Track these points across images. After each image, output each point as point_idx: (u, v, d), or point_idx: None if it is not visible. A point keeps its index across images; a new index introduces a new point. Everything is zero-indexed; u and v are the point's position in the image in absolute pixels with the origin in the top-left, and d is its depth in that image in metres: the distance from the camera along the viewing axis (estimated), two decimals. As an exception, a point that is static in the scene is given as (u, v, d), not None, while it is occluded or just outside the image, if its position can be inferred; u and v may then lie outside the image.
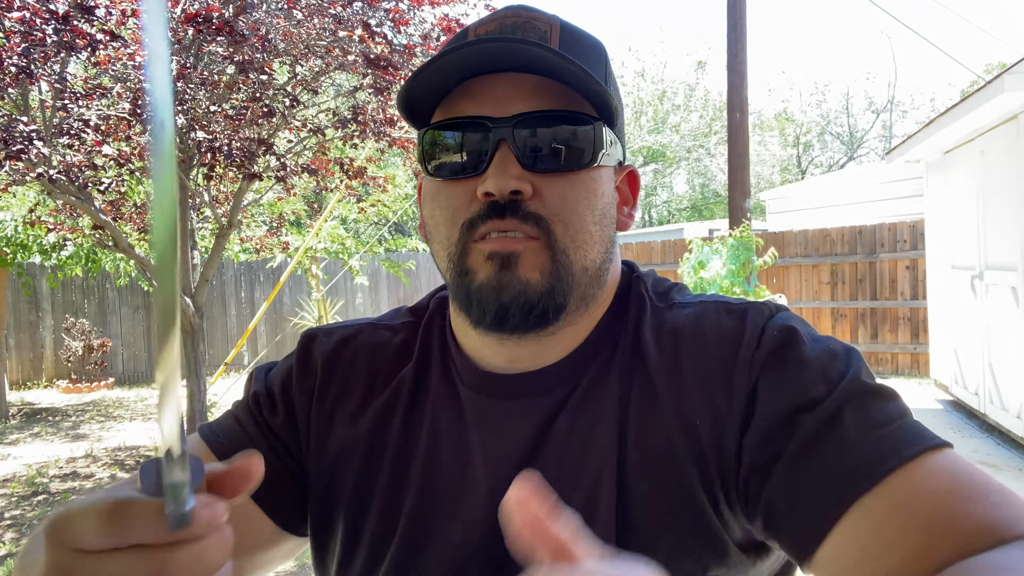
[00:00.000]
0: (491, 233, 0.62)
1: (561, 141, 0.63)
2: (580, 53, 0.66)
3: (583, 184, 0.64)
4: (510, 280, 0.62)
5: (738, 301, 0.69)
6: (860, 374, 0.59)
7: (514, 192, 0.62)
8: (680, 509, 0.61)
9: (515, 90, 0.63)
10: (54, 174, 4.11)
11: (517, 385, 0.69)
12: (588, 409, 0.66)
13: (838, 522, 0.52)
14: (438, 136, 0.66)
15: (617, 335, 0.70)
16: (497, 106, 0.63)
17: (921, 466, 0.51)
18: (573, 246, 0.63)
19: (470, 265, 0.64)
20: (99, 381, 9.42)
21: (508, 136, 0.62)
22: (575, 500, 0.63)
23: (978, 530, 0.47)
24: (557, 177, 0.63)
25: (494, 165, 0.62)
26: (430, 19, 5.33)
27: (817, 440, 0.55)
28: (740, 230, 6.82)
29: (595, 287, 0.68)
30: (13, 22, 3.81)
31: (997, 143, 5.26)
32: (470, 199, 0.64)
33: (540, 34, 0.65)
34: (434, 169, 0.66)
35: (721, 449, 0.61)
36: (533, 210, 0.62)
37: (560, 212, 0.63)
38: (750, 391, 0.61)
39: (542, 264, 0.62)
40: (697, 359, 0.64)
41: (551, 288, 0.63)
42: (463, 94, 0.65)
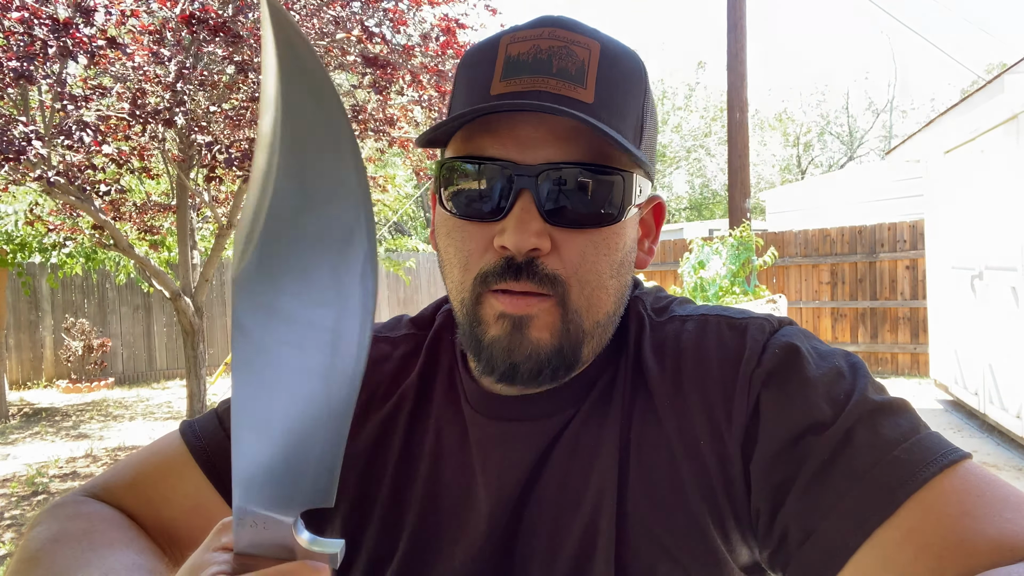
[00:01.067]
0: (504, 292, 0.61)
1: (587, 195, 0.59)
2: (618, 82, 0.62)
3: (604, 240, 0.61)
4: (520, 342, 0.60)
5: (740, 315, 0.67)
6: (867, 392, 0.57)
7: (532, 249, 0.59)
8: (682, 534, 0.61)
9: (542, 133, 0.59)
10: (52, 176, 4.10)
11: (521, 408, 0.68)
12: (590, 433, 0.66)
13: (851, 557, 0.50)
14: (455, 170, 0.62)
15: (618, 357, 0.69)
16: (522, 150, 0.59)
17: (934, 489, 0.50)
18: (586, 306, 0.62)
19: (482, 316, 0.62)
20: (99, 381, 9.42)
21: (531, 187, 0.58)
22: (575, 523, 0.63)
23: (989, 549, 0.46)
24: (579, 233, 0.60)
25: (514, 217, 0.58)
26: (430, 19, 5.33)
27: (829, 467, 0.54)
28: (740, 230, 6.82)
29: (609, 333, 0.66)
30: (13, 23, 3.81)
31: (997, 143, 5.26)
32: (485, 246, 0.61)
33: (578, 64, 0.60)
34: (449, 202, 0.63)
35: (726, 472, 0.60)
36: (550, 271, 0.59)
37: (578, 271, 0.61)
38: (751, 411, 0.59)
39: (553, 324, 0.61)
40: (698, 378, 0.63)
41: (560, 348, 0.61)
42: (487, 129, 0.60)
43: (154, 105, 4.58)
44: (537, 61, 0.60)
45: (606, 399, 0.67)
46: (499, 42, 0.63)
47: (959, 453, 0.52)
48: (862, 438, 0.54)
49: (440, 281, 0.73)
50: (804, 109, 28.40)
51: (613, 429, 0.65)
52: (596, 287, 0.62)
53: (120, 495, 0.72)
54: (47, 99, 4.54)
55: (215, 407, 0.77)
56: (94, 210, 4.75)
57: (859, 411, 0.55)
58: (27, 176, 4.17)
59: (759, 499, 0.58)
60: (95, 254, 7.57)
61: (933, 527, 0.48)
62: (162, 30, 4.65)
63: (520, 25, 0.64)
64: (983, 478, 0.51)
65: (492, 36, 0.65)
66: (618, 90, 0.61)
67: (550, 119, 0.59)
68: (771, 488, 0.57)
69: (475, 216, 0.61)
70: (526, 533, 0.65)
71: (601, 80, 0.60)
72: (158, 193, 7.26)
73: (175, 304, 5.21)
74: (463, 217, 0.62)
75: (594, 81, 0.60)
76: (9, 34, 3.83)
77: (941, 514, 0.49)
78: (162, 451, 0.75)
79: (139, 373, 10.27)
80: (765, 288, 6.80)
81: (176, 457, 0.73)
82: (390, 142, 5.67)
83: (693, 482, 0.61)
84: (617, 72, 0.62)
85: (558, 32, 0.62)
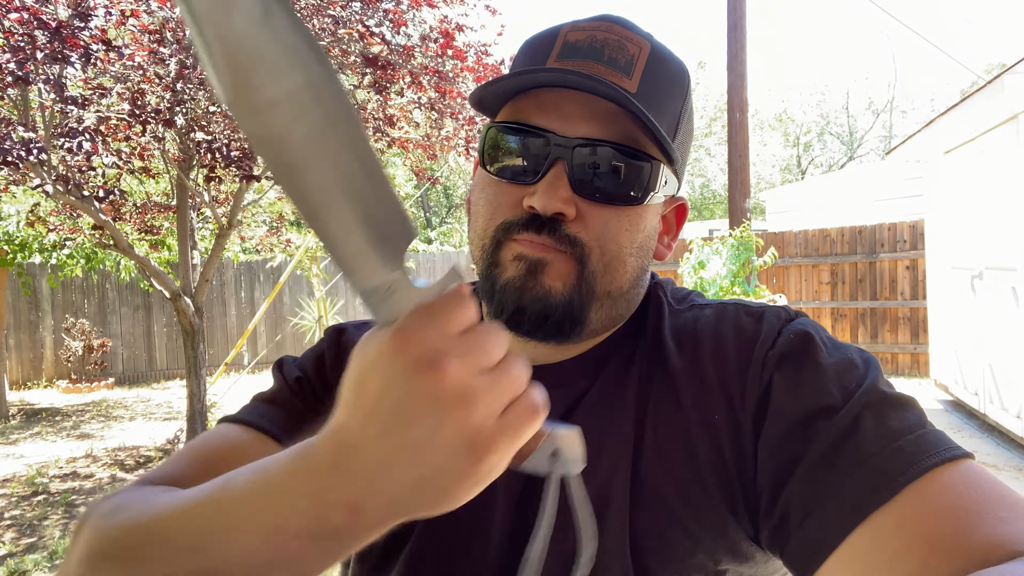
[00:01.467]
0: None
1: (616, 175, 0.64)
2: (662, 81, 0.66)
3: (627, 217, 0.65)
4: (532, 284, 0.63)
5: (757, 304, 0.70)
6: (878, 383, 0.58)
7: (557, 213, 0.62)
8: (693, 504, 0.62)
9: (585, 111, 0.64)
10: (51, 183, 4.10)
11: (536, 376, 0.69)
12: (607, 402, 0.67)
13: (845, 538, 0.51)
14: (500, 134, 0.67)
15: (637, 336, 0.71)
16: (564, 122, 0.64)
17: (934, 480, 0.51)
18: (603, 270, 0.65)
19: (500, 259, 0.65)
20: (99, 381, 9.42)
21: (566, 156, 0.63)
22: (590, 485, 0.63)
23: (984, 545, 0.46)
24: (604, 207, 0.64)
25: (545, 182, 0.63)
26: (430, 20, 5.33)
27: (835, 450, 0.55)
28: (740, 230, 6.82)
29: (621, 309, 0.69)
30: (12, 23, 3.81)
31: (997, 143, 5.26)
32: (514, 204, 0.65)
33: (628, 57, 0.65)
34: (489, 162, 0.68)
35: (738, 447, 0.62)
36: (572, 232, 0.63)
37: (600, 239, 0.64)
38: (763, 390, 0.61)
39: (566, 275, 0.64)
40: (715, 358, 0.65)
41: (570, 300, 0.64)
42: (535, 101, 0.65)
43: (154, 105, 4.58)
44: (591, 48, 0.65)
45: (623, 372, 0.69)
46: (559, 30, 0.68)
47: (962, 451, 0.53)
48: (869, 426, 0.55)
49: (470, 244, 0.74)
50: (804, 109, 28.41)
51: (630, 399, 0.66)
52: (615, 256, 0.65)
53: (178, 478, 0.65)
54: (47, 101, 4.54)
55: (258, 402, 0.75)
56: (94, 210, 4.75)
57: (868, 399, 0.57)
58: (27, 177, 4.18)
59: (763, 476, 0.59)
60: (95, 255, 7.57)
61: (929, 517, 0.49)
62: (162, 30, 4.65)
63: (581, 19, 0.70)
64: (983, 477, 0.52)
65: (553, 27, 0.70)
66: (661, 88, 0.66)
67: (593, 100, 0.63)
68: (776, 466, 0.58)
69: (511, 177, 0.66)
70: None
71: (647, 75, 0.65)
72: (158, 193, 7.26)
73: (175, 304, 5.21)
74: (500, 176, 0.67)
75: (640, 75, 0.65)
76: (9, 35, 3.83)
77: (938, 505, 0.49)
78: (211, 439, 0.71)
79: (139, 373, 10.27)
80: (765, 288, 6.80)
81: (231, 433, 0.70)
82: (389, 143, 5.67)
83: (706, 454, 0.62)
84: (663, 73, 0.67)
85: (615, 28, 0.67)
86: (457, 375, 0.38)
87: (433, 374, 0.38)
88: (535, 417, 0.41)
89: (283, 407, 0.74)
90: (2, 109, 4.46)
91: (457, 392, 0.38)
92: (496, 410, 0.39)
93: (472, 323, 0.40)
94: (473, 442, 0.39)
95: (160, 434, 6.42)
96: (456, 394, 0.38)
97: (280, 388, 0.76)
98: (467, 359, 0.39)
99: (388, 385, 0.39)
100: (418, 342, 0.38)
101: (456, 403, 0.38)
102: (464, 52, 5.31)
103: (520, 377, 0.41)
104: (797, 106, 29.95)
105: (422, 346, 0.38)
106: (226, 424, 0.73)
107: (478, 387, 0.39)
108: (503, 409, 0.40)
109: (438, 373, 0.38)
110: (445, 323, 0.39)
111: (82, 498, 4.85)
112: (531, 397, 0.41)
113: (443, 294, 0.41)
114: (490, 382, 0.39)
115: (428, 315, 0.39)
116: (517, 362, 0.41)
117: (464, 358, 0.39)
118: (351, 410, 0.41)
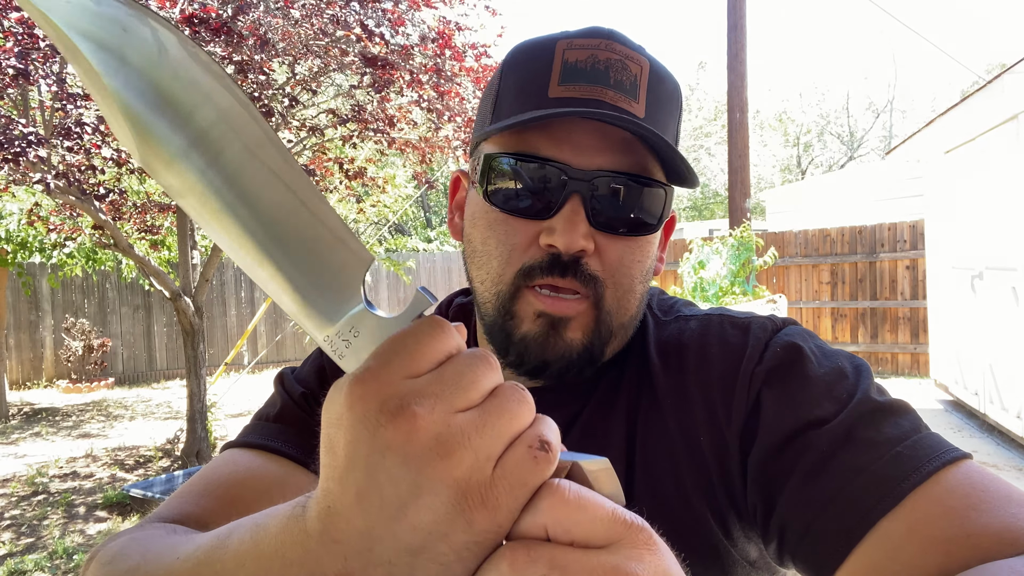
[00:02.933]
0: (546, 288, 0.62)
1: (634, 206, 0.62)
2: (663, 100, 0.65)
3: (640, 247, 0.64)
4: (556, 342, 0.62)
5: (744, 315, 0.68)
6: (870, 391, 0.57)
7: (580, 250, 0.61)
8: (683, 530, 0.61)
9: (599, 142, 0.61)
10: (51, 180, 4.10)
11: None
12: (599, 426, 0.66)
13: (856, 547, 0.51)
14: (508, 166, 0.63)
15: (624, 355, 0.70)
16: (578, 154, 0.61)
17: (938, 483, 0.50)
18: (617, 307, 0.64)
19: (517, 311, 0.63)
20: (99, 381, 9.42)
21: (584, 191, 0.60)
22: None
23: (996, 541, 0.46)
24: (619, 239, 0.63)
25: (564, 218, 0.60)
26: (428, 20, 5.33)
27: (828, 460, 0.54)
28: (740, 230, 6.82)
29: (628, 334, 0.69)
30: (13, 23, 3.81)
31: (997, 143, 5.26)
32: (530, 242, 0.63)
33: (632, 78, 0.63)
34: (493, 195, 0.64)
35: (725, 469, 0.61)
36: (592, 271, 0.62)
37: (615, 275, 0.63)
38: (751, 407, 0.60)
39: (587, 325, 0.63)
40: (700, 375, 0.64)
41: (590, 346, 0.63)
42: (544, 130, 0.62)
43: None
44: (595, 71, 0.62)
45: (613, 394, 0.68)
46: (554, 46, 0.64)
47: (961, 452, 0.53)
48: (863, 436, 0.54)
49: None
50: (804, 109, 28.39)
51: (620, 423, 0.66)
52: (627, 290, 0.64)
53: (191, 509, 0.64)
54: (47, 99, 4.54)
55: (264, 419, 0.73)
56: (94, 210, 4.75)
57: (861, 410, 0.56)
58: (27, 176, 4.17)
59: (755, 494, 0.58)
60: (95, 255, 7.57)
61: (939, 520, 0.49)
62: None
63: (572, 32, 0.66)
64: (985, 476, 0.52)
65: (542, 39, 0.67)
66: (662, 108, 0.65)
67: (606, 129, 0.61)
68: (768, 481, 0.57)
69: (522, 212, 0.63)
70: None
71: (651, 95, 0.64)
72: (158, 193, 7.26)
73: (175, 304, 5.21)
74: (509, 212, 0.63)
75: (644, 96, 0.63)
76: (8, 34, 3.83)
77: (947, 507, 0.49)
78: (221, 468, 0.69)
79: (139, 373, 10.27)
80: (765, 288, 6.80)
81: (241, 460, 0.68)
82: (389, 143, 5.67)
83: (693, 478, 0.62)
84: (662, 91, 0.65)
85: (614, 46, 0.64)
86: (430, 419, 0.32)
87: (400, 421, 0.32)
88: (543, 460, 0.33)
89: (293, 424, 0.71)
90: (2, 108, 4.46)
91: (432, 440, 0.32)
92: (489, 455, 0.32)
93: (448, 353, 0.34)
94: (463, 498, 0.32)
95: (160, 434, 6.42)
96: (432, 443, 0.32)
97: (286, 404, 0.74)
98: (442, 398, 0.33)
99: (355, 441, 0.33)
100: (381, 385, 0.33)
101: (433, 454, 0.32)
102: (462, 53, 5.31)
103: (518, 411, 0.34)
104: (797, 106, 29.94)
105: (386, 389, 0.33)
106: (234, 450, 0.71)
107: (459, 430, 0.32)
108: (499, 453, 0.33)
109: (406, 419, 0.32)
110: (412, 358, 0.33)
111: (82, 498, 4.85)
112: (536, 435, 0.33)
113: (409, 325, 0.35)
114: (476, 422, 0.33)
115: (392, 352, 0.34)
116: (512, 393, 0.34)
117: (438, 398, 0.32)
118: (328, 472, 0.35)
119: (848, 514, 0.51)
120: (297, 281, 0.36)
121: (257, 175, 0.34)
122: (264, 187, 0.34)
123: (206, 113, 0.32)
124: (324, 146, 5.92)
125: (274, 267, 0.35)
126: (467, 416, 0.33)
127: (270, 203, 0.34)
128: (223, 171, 0.33)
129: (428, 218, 23.05)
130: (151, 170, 0.33)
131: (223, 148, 0.33)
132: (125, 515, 4.46)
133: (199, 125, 0.32)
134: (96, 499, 4.79)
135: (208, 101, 0.32)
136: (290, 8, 4.72)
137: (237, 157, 0.33)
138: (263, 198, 0.34)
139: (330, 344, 0.37)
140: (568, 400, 0.68)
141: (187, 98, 0.32)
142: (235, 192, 0.34)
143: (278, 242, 0.35)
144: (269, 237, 0.35)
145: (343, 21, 4.71)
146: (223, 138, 0.33)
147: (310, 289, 0.36)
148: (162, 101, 0.32)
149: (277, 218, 0.35)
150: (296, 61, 5.07)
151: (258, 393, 8.34)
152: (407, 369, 0.33)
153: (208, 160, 0.33)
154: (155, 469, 5.45)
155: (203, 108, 0.32)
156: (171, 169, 0.32)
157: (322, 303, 0.36)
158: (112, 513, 4.51)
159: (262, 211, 0.34)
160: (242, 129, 0.33)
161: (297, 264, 0.35)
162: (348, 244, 0.36)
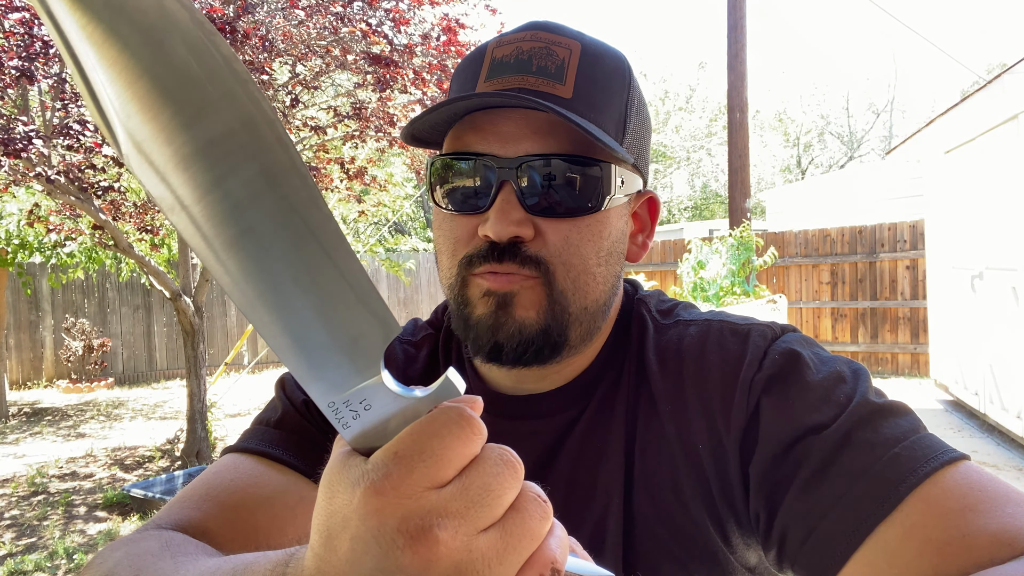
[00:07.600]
0: (488, 274, 0.62)
1: (567, 186, 0.61)
2: (598, 79, 0.64)
3: (588, 227, 0.63)
4: (505, 320, 0.62)
5: (743, 322, 0.68)
6: (868, 394, 0.58)
7: (514, 237, 0.61)
8: (683, 537, 0.61)
9: (523, 128, 0.61)
10: (52, 174, 4.11)
11: (524, 406, 0.69)
12: (597, 433, 0.66)
13: (855, 552, 0.51)
14: (443, 166, 0.65)
15: (622, 359, 0.70)
16: (503, 144, 0.62)
17: (936, 485, 0.50)
18: (573, 288, 0.63)
19: (469, 296, 0.64)
20: (99, 381, 9.41)
21: (512, 178, 0.61)
22: (585, 523, 0.63)
23: (992, 543, 0.46)
24: (561, 221, 0.62)
25: (496, 208, 0.61)
26: (430, 19, 5.33)
27: (828, 465, 0.54)
28: (740, 230, 6.82)
29: (599, 321, 0.67)
30: (13, 23, 3.81)
31: (997, 143, 5.26)
32: (471, 235, 0.63)
33: (558, 62, 0.63)
34: (439, 198, 0.66)
35: (724, 477, 0.61)
36: (533, 253, 0.61)
37: (562, 255, 0.62)
38: (750, 415, 0.60)
39: (538, 303, 0.62)
40: (699, 383, 0.64)
41: (546, 327, 0.62)
42: (471, 126, 0.63)
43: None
44: (519, 61, 0.63)
45: (610, 399, 0.67)
46: (486, 48, 0.66)
47: (958, 453, 0.53)
48: (862, 438, 0.54)
49: (439, 281, 0.74)
50: (804, 109, 28.40)
51: (619, 429, 0.65)
52: (582, 271, 0.63)
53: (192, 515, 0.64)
54: (47, 99, 4.54)
55: (266, 424, 0.73)
56: (94, 210, 4.75)
57: (859, 413, 0.56)
58: (27, 176, 4.17)
59: (758, 501, 0.58)
60: (95, 255, 7.56)
61: (936, 522, 0.49)
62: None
63: (507, 31, 0.68)
64: (983, 476, 0.52)
65: (481, 45, 0.68)
66: (597, 87, 0.64)
67: (530, 115, 0.62)
68: (770, 489, 0.57)
69: (463, 208, 0.64)
70: None
71: (581, 77, 0.63)
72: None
73: (175, 304, 5.20)
74: (452, 210, 0.65)
75: (573, 78, 0.63)
76: (9, 35, 3.83)
77: (943, 509, 0.49)
78: (222, 473, 0.69)
79: (139, 373, 10.26)
80: (765, 288, 6.80)
81: (242, 465, 0.68)
82: (390, 142, 5.67)
83: (692, 486, 0.62)
84: (598, 71, 0.64)
85: (540, 35, 0.65)
86: (454, 544, 0.29)
87: (420, 548, 0.29)
88: None
89: (294, 431, 0.71)
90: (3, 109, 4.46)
91: (452, 569, 0.29)
92: None
93: (475, 454, 0.32)
94: None
95: (160, 434, 6.41)
96: (451, 571, 0.29)
97: (287, 410, 0.73)
98: (467, 518, 0.30)
99: (363, 553, 0.30)
100: (402, 499, 0.30)
101: None
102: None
103: (539, 531, 0.31)
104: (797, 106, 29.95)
105: (407, 504, 0.30)
106: (234, 455, 0.70)
107: (481, 558, 0.30)
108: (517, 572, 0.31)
109: (427, 546, 0.29)
110: (438, 465, 0.30)
111: (82, 498, 4.85)
112: (548, 561, 0.31)
113: (434, 414, 0.32)
114: (498, 547, 0.30)
115: (416, 457, 0.30)
116: (534, 509, 0.32)
117: (463, 518, 0.30)
118: (319, 564, 0.32)
119: (847, 519, 0.52)
120: (305, 342, 0.31)
121: (273, 209, 0.28)
122: (280, 226, 0.28)
123: (219, 119, 0.26)
124: (324, 146, 5.92)
125: (280, 322, 0.30)
126: (489, 539, 0.30)
127: (284, 246, 0.29)
128: (230, 196, 0.27)
129: (428, 218, 23.03)
130: (138, 173, 0.28)
131: (235, 168, 0.27)
132: (125, 515, 4.46)
133: (206, 132, 0.26)
134: (96, 499, 4.79)
135: (224, 105, 0.27)
136: (295, 8, 4.72)
137: (251, 182, 0.28)
138: (277, 239, 0.28)
139: (334, 411, 0.32)
140: (566, 405, 0.68)
141: (195, 93, 0.26)
142: (241, 225, 0.28)
143: (287, 294, 0.29)
144: (276, 286, 0.29)
145: (348, 19, 4.71)
146: (235, 155, 0.27)
147: (320, 352, 0.31)
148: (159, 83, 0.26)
149: (290, 266, 0.29)
150: (298, 61, 5.07)
151: (258, 393, 8.34)
152: (431, 478, 0.30)
153: (213, 178, 0.27)
154: (155, 469, 5.45)
155: (216, 112, 0.26)
156: (164, 178, 0.27)
157: (332, 370, 0.31)
158: (112, 513, 4.51)
159: (272, 254, 0.29)
160: (263, 149, 0.27)
161: (308, 323, 0.30)
162: (372, 308, 0.31)
